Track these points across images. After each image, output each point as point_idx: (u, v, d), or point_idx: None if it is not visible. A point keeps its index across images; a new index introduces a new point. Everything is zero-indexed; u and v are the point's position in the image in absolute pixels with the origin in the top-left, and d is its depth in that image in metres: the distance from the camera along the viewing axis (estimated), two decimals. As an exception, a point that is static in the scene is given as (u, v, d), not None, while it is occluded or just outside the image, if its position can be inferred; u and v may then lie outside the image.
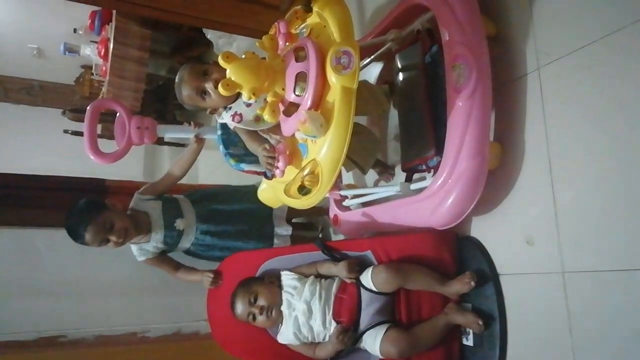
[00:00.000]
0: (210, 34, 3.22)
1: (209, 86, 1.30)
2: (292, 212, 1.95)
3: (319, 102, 1.12)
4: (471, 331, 1.28)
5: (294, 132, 1.19)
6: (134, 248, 1.78)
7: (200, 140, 1.78)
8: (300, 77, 1.13)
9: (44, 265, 1.92)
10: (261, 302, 1.47)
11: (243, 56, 1.17)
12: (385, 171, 1.68)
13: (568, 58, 1.10)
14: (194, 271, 1.80)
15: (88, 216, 1.62)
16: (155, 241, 1.75)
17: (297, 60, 1.14)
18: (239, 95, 1.37)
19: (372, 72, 1.78)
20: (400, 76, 1.51)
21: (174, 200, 1.82)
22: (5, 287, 1.84)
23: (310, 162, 1.16)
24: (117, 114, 1.61)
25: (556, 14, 1.14)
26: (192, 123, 1.76)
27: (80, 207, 1.65)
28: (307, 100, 1.10)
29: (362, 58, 1.54)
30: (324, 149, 1.11)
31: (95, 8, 3.66)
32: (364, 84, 1.57)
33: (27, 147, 5.06)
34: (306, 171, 1.17)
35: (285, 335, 1.47)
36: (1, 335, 1.81)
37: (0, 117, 5.33)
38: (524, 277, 1.20)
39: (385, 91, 1.62)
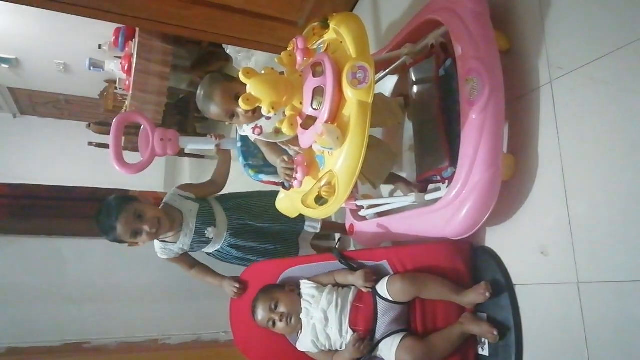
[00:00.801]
0: (229, 49, 3.31)
1: (240, 111, 1.34)
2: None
3: (335, 116, 1.15)
4: (487, 341, 1.29)
5: (311, 144, 1.22)
6: (157, 245, 1.75)
7: (223, 152, 1.80)
8: (318, 92, 1.16)
9: (70, 273, 1.98)
10: (281, 309, 1.50)
11: (262, 72, 1.22)
12: (407, 185, 1.69)
13: (581, 71, 1.12)
14: (212, 274, 1.79)
15: (118, 208, 1.60)
16: (182, 243, 1.73)
17: (314, 75, 1.18)
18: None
19: (387, 85, 1.81)
20: (415, 89, 1.53)
21: (208, 205, 1.79)
22: (32, 293, 1.91)
23: (327, 174, 1.19)
24: (142, 127, 1.67)
25: (568, 28, 1.16)
26: (213, 135, 1.79)
27: (110, 202, 1.64)
28: (324, 113, 1.14)
29: (377, 71, 1.58)
30: (341, 161, 1.14)
31: (120, 25, 3.79)
32: (379, 97, 1.60)
33: (53, 159, 5.23)
34: (323, 182, 1.20)
35: (304, 343, 1.50)
36: (28, 341, 1.87)
37: (28, 130, 5.52)
38: (539, 287, 1.21)
39: (400, 103, 1.65)
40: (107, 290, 2.01)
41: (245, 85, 1.17)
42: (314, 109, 1.17)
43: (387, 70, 1.67)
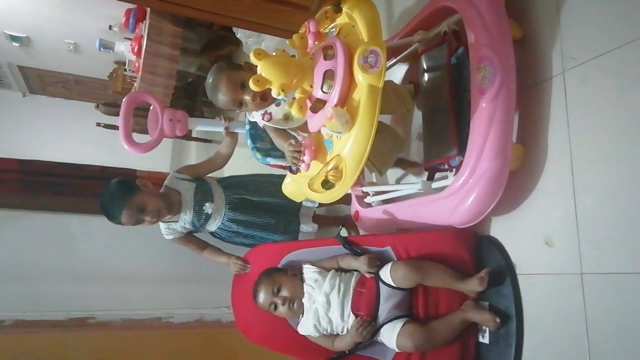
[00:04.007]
0: (239, 34, 3.29)
1: (247, 99, 1.36)
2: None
3: (345, 99, 1.15)
4: (487, 329, 1.30)
5: (320, 128, 1.23)
6: (162, 226, 1.82)
7: (232, 134, 1.82)
8: (328, 75, 1.16)
9: (77, 249, 2.00)
10: (284, 293, 1.50)
11: (274, 54, 1.22)
12: (413, 166, 1.70)
13: (594, 62, 1.11)
14: (221, 253, 1.85)
15: (121, 200, 1.67)
16: (183, 221, 1.79)
17: (325, 58, 1.17)
18: (271, 101, 1.42)
19: (398, 73, 1.81)
20: (426, 77, 1.53)
21: (207, 184, 1.85)
22: (40, 268, 1.93)
23: (335, 158, 1.19)
24: (151, 107, 1.68)
25: (583, 18, 1.15)
26: (222, 117, 1.80)
27: (113, 191, 1.71)
28: (334, 97, 1.14)
29: (388, 58, 1.57)
30: (349, 145, 1.14)
31: (130, 6, 3.77)
32: (389, 83, 1.60)
33: (62, 138, 5.25)
34: (330, 166, 1.20)
35: (306, 327, 1.50)
36: (34, 313, 1.90)
37: (37, 109, 5.54)
38: (542, 277, 1.21)
39: (410, 90, 1.65)
40: (113, 268, 2.03)
41: (252, 73, 1.18)
42: (324, 92, 1.17)
43: (398, 58, 1.66)
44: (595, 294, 1.07)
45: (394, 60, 1.68)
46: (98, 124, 3.95)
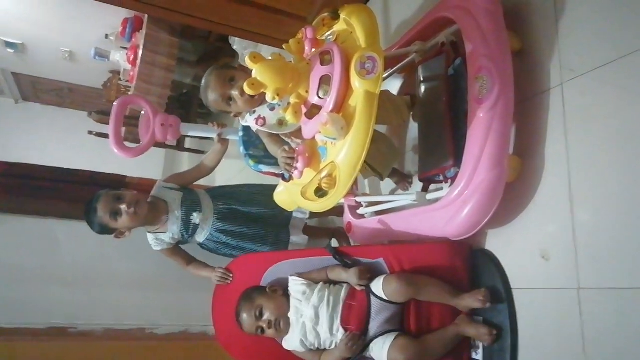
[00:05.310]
0: (236, 45, 3.30)
1: (235, 94, 1.35)
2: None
3: (341, 105, 1.13)
4: (481, 345, 1.26)
5: (314, 134, 1.20)
6: (150, 237, 1.79)
7: (223, 141, 1.80)
8: (324, 80, 1.15)
9: (62, 255, 1.95)
10: (267, 315, 1.45)
11: (269, 58, 1.20)
12: (403, 180, 1.68)
13: (593, 74, 1.10)
14: (205, 267, 1.80)
15: (99, 194, 1.66)
16: (171, 232, 1.76)
17: (322, 63, 1.16)
18: (263, 100, 1.41)
19: (394, 84, 1.80)
20: (423, 87, 1.52)
21: (194, 194, 1.83)
22: (22, 273, 1.88)
23: (329, 165, 1.17)
24: (143, 111, 1.65)
25: (583, 29, 1.14)
26: (215, 123, 1.79)
27: (95, 194, 1.69)
28: (330, 102, 1.12)
29: (385, 69, 1.56)
30: (343, 152, 1.12)
31: (128, 15, 3.79)
32: (385, 93, 1.59)
33: (53, 146, 5.20)
34: (324, 173, 1.18)
35: (291, 342, 1.46)
36: (13, 322, 1.84)
37: (29, 116, 5.50)
38: (538, 292, 1.18)
39: (406, 101, 1.64)
40: (98, 276, 1.98)
41: (246, 74, 1.16)
42: (320, 98, 1.15)
43: (395, 68, 1.66)
44: (592, 310, 1.05)
45: (391, 71, 1.68)
46: (90, 133, 3.91)
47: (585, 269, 1.07)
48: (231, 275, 1.68)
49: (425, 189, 1.50)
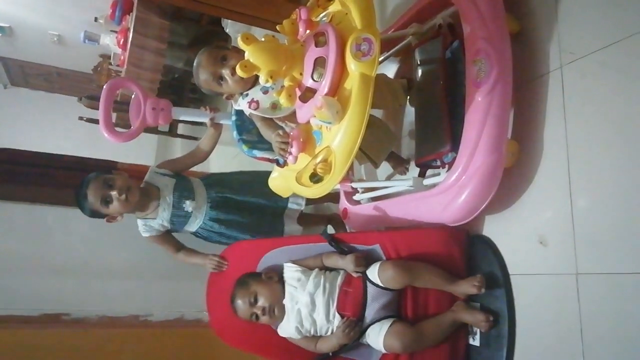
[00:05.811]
0: (228, 28, 3.24)
1: (225, 72, 1.33)
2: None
3: (336, 89, 1.11)
4: (478, 331, 1.26)
5: (309, 118, 1.18)
6: (140, 223, 1.75)
7: (216, 126, 1.77)
8: (319, 63, 1.12)
9: (54, 242, 1.93)
10: (262, 302, 1.43)
11: (262, 39, 1.17)
12: (400, 164, 1.66)
13: (593, 56, 1.08)
14: (196, 254, 1.77)
15: (89, 178, 1.63)
16: (161, 219, 1.72)
17: (316, 45, 1.13)
18: (255, 82, 1.38)
19: (390, 68, 1.77)
20: (419, 71, 1.49)
21: (188, 181, 1.79)
22: (14, 261, 1.85)
23: (324, 150, 1.15)
24: (133, 95, 1.62)
25: (582, 11, 1.12)
26: (207, 107, 1.75)
27: (85, 177, 1.66)
28: (325, 85, 1.10)
29: (381, 52, 1.53)
30: (339, 137, 1.10)
31: (118, -4, 3.70)
32: (381, 77, 1.56)
33: (43, 132, 5.14)
34: (319, 158, 1.16)
35: (286, 329, 1.44)
36: (5, 309, 1.82)
37: (18, 102, 5.41)
38: (535, 277, 1.18)
39: (403, 85, 1.61)
40: (91, 263, 1.96)
41: (238, 55, 1.13)
42: (315, 81, 1.13)
43: (391, 51, 1.63)
44: (590, 295, 1.04)
45: (387, 54, 1.64)
46: (80, 118, 3.84)
47: (583, 255, 1.06)
48: (226, 262, 1.66)
49: (422, 175, 1.48)
